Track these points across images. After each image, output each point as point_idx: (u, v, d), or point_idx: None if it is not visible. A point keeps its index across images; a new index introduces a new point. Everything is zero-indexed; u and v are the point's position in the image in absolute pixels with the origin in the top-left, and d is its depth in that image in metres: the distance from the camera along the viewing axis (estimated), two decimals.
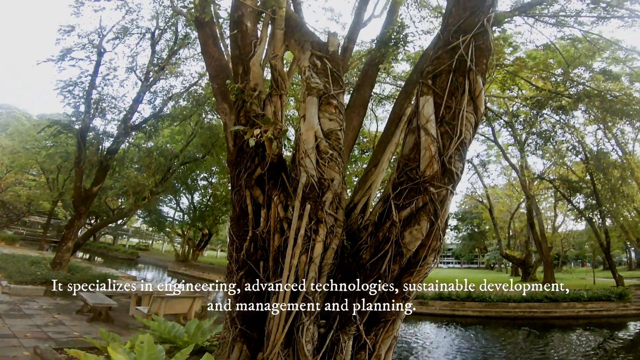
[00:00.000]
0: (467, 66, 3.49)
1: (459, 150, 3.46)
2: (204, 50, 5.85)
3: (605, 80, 13.03)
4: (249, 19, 4.94)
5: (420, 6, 12.47)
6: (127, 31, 13.72)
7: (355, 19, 6.47)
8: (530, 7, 8.69)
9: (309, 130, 3.91)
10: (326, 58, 4.13)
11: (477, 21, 3.70)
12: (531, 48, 12.65)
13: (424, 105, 3.56)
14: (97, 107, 13.55)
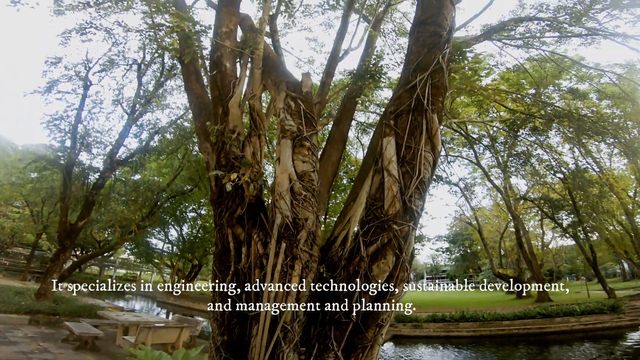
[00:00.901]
0: (425, 103, 3.73)
1: (418, 189, 3.70)
2: (186, 87, 6.06)
3: (574, 98, 13.65)
4: (228, 59, 5.19)
5: (398, 34, 13.08)
6: (114, 63, 13.97)
7: (332, 54, 6.75)
8: (494, 32, 9.26)
9: (283, 173, 4.12)
10: (300, 99, 4.35)
11: (433, 58, 4.00)
12: (503, 70, 13.29)
13: (386, 147, 3.81)
14: (83, 142, 13.63)
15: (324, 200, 6.03)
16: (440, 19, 4.83)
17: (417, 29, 4.79)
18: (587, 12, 9.35)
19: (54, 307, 11.34)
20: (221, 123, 4.74)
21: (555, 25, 9.99)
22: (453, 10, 5.39)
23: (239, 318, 4.29)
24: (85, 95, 13.25)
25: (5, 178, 23.57)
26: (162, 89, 14.58)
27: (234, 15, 6.13)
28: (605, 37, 10.09)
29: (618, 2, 8.97)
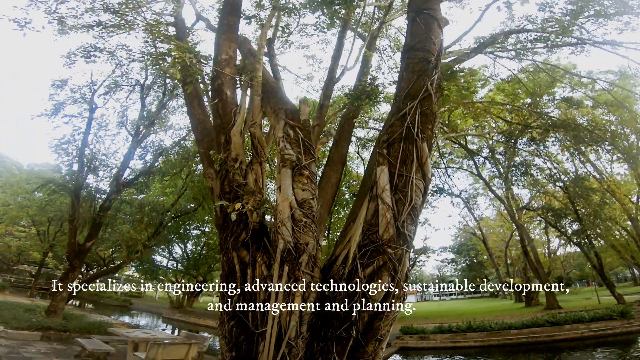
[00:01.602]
0: (416, 132, 3.96)
1: (410, 215, 3.93)
2: (189, 111, 6.31)
3: (569, 107, 13.80)
4: (229, 87, 5.43)
5: (394, 48, 13.34)
6: (118, 85, 14.35)
7: (329, 75, 6.97)
8: (485, 46, 9.49)
9: (284, 201, 4.35)
10: (298, 127, 4.56)
11: (422, 85, 4.24)
12: (498, 81, 13.51)
13: (380, 176, 4.05)
14: (90, 166, 14.00)
15: (324, 221, 6.21)
16: (428, 44, 5.08)
17: (407, 54, 5.04)
18: (573, 24, 9.57)
19: (65, 324, 11.59)
20: (224, 152, 4.97)
21: (544, 36, 10.25)
22: (441, 34, 5.67)
23: (246, 335, 4.52)
24: (91, 118, 13.66)
25: (11, 198, 23.93)
26: (164, 110, 14.97)
27: (233, 42, 6.41)
28: (594, 45, 10.32)
29: (602, 12, 9.21)
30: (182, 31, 10.91)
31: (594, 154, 16.04)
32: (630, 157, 14.59)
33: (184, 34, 10.80)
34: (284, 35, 8.75)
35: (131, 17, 11.20)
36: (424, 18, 5.63)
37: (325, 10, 7.70)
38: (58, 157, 13.73)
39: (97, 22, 10.98)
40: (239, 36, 7.01)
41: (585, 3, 9.15)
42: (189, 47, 5.59)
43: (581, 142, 12.95)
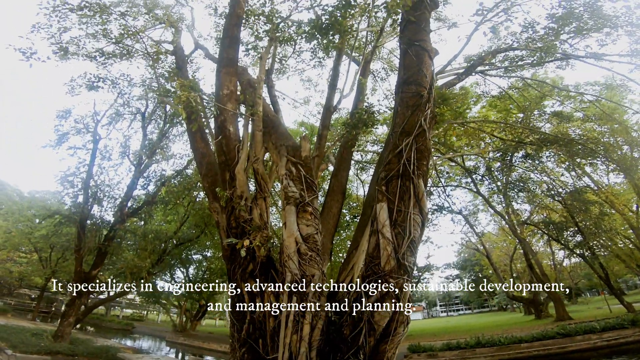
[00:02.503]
0: (412, 169, 4.17)
1: (410, 247, 4.14)
2: (192, 145, 6.51)
3: (560, 121, 14.09)
4: (231, 123, 5.65)
5: (388, 70, 13.68)
6: (120, 115, 14.69)
7: (326, 105, 7.19)
8: (474, 68, 9.77)
9: (290, 237, 4.57)
10: (300, 164, 4.77)
11: (416, 121, 4.46)
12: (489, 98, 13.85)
13: (379, 212, 4.28)
14: (95, 197, 14.31)
15: (327, 250, 6.37)
16: (420, 77, 5.34)
17: (402, 88, 5.29)
18: (555, 41, 9.92)
19: (72, 349, 11.80)
20: (229, 188, 5.16)
21: (530, 53, 10.62)
22: (432, 65, 5.95)
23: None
24: (95, 150, 14.04)
25: (13, 226, 24.07)
26: (165, 139, 15.28)
27: (233, 75, 6.68)
28: (578, 60, 10.68)
29: (582, 27, 9.59)
30: (181, 60, 11.27)
31: (590, 166, 16.22)
32: (625, 168, 14.76)
33: (184, 63, 11.14)
34: (281, 66, 9.04)
35: (131, 44, 11.59)
36: (415, 50, 5.91)
37: (320, 39, 8.01)
38: (63, 189, 14.12)
39: (100, 51, 11.33)
40: (237, 67, 7.29)
41: (565, 21, 9.52)
42: (193, 83, 5.83)
43: (576, 156, 13.18)
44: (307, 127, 18.99)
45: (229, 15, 9.01)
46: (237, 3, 9.21)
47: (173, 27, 12.24)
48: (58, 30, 9.69)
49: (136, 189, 14.91)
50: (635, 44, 10.04)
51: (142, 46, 11.28)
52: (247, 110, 5.68)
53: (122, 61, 12.08)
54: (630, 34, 9.85)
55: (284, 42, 8.37)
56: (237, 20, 8.53)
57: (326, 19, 7.81)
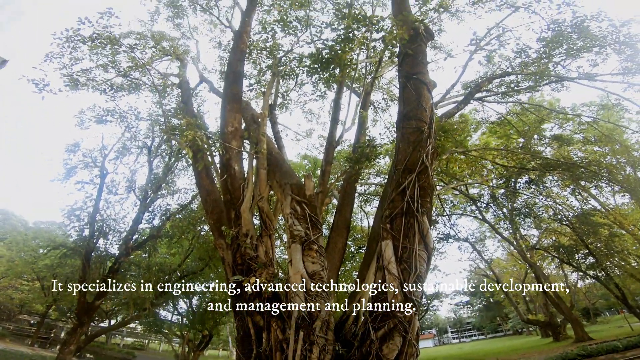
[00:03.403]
0: (415, 207, 4.23)
1: (416, 282, 4.17)
2: (198, 182, 6.60)
3: (560, 145, 14.19)
4: (236, 161, 5.77)
5: (388, 100, 13.96)
6: (127, 149, 14.97)
7: (328, 140, 7.33)
8: (472, 96, 9.99)
9: (296, 274, 4.63)
10: (305, 203, 4.84)
11: (418, 158, 4.55)
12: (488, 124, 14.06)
13: (385, 249, 4.34)
14: (101, 231, 14.41)
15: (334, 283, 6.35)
16: (420, 111, 5.47)
17: (402, 123, 5.42)
18: (548, 64, 10.17)
19: None
20: (235, 227, 5.22)
21: (524, 77, 10.88)
22: (431, 98, 6.12)
23: None
24: (102, 184, 14.29)
25: (17, 255, 24.22)
26: (171, 173, 15.51)
27: (238, 112, 6.86)
28: (572, 81, 10.91)
29: (572, 48, 9.85)
30: (186, 94, 11.60)
31: (595, 188, 16.18)
32: (630, 189, 14.70)
33: (189, 97, 11.46)
34: (284, 100, 9.28)
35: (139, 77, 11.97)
36: (413, 83, 6.10)
37: (321, 73, 8.25)
38: (70, 222, 14.24)
39: (109, 83, 11.69)
40: (242, 102, 7.50)
41: (555, 44, 9.78)
42: (200, 122, 6.00)
43: (579, 179, 13.19)
44: (309, 160, 19.11)
45: (233, 50, 9.36)
46: (240, 38, 9.59)
47: (179, 60, 12.70)
48: (70, 60, 9.97)
49: (141, 222, 15.02)
50: (625, 61, 10.21)
51: (149, 79, 11.65)
52: (251, 148, 5.82)
53: (130, 94, 12.45)
54: (619, 51, 10.04)
55: (286, 77, 8.62)
56: (241, 56, 8.85)
57: (326, 53, 8.10)
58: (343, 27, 7.90)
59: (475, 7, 11.05)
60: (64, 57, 9.77)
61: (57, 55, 9.62)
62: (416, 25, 7.61)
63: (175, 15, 12.44)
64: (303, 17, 9.37)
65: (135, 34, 12.73)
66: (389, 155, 11.21)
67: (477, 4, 10.82)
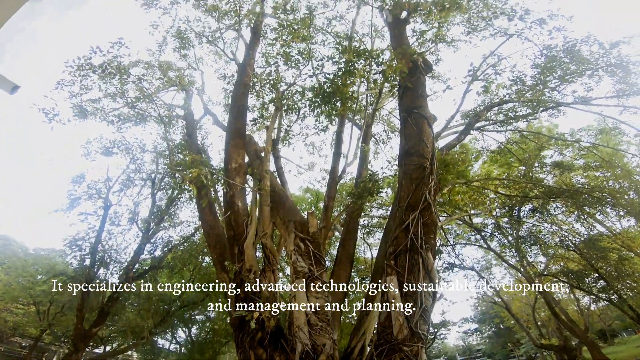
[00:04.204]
0: (419, 244, 4.24)
1: (422, 316, 4.13)
2: (201, 218, 6.62)
3: (561, 172, 14.20)
4: (240, 198, 5.82)
5: (388, 132, 14.12)
6: (131, 181, 15.11)
7: (330, 176, 7.41)
8: (472, 126, 10.13)
9: (300, 309, 4.57)
10: (308, 240, 4.85)
11: (421, 195, 4.58)
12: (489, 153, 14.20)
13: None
14: (102, 262, 14.40)
15: (337, 318, 6.25)
16: (421, 147, 5.54)
17: (404, 160, 5.48)
18: (543, 90, 10.36)
19: None
20: (238, 262, 5.22)
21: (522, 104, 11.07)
22: (432, 133, 6.20)
23: None
24: (106, 216, 14.37)
25: (15, 280, 24.11)
26: (174, 206, 15.58)
27: (241, 148, 6.96)
28: (568, 106, 11.05)
29: (566, 75, 10.04)
30: (191, 126, 11.81)
31: (600, 213, 16.04)
32: (635, 213, 14.56)
33: (193, 130, 11.66)
34: (287, 135, 9.45)
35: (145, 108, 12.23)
36: (414, 118, 6.21)
37: (323, 107, 8.44)
38: (71, 252, 14.20)
39: (116, 112, 11.94)
40: (245, 136, 7.63)
41: (549, 70, 9.99)
42: (204, 159, 6.10)
43: (583, 205, 13.12)
44: (312, 193, 19.14)
45: (237, 83, 9.61)
46: (244, 71, 9.88)
47: (184, 91, 13.03)
48: (80, 89, 10.16)
49: (143, 253, 14.98)
50: (617, 83, 10.32)
51: (156, 110, 11.93)
52: (254, 184, 5.90)
53: (136, 126, 12.69)
54: (611, 74, 10.17)
55: (289, 110, 8.82)
56: (245, 89, 9.08)
57: (328, 86, 8.33)
58: (344, 61, 8.18)
59: (470, 36, 11.37)
60: (75, 85, 9.98)
61: (68, 83, 9.83)
62: (415, 57, 7.86)
63: (182, 46, 12.86)
64: (305, 49, 9.71)
65: (143, 63, 13.10)
66: (390, 187, 11.28)
67: (472, 33, 11.14)
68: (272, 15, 11.60)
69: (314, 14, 9.16)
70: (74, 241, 14.18)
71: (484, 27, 10.90)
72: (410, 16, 10.00)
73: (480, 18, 10.62)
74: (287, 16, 9.73)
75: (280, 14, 10.39)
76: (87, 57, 9.29)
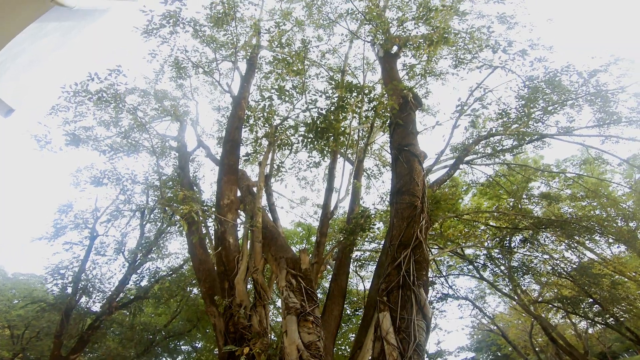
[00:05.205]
0: (412, 281, 4.27)
1: (416, 351, 4.08)
2: (191, 252, 6.56)
3: (549, 203, 14.50)
4: (231, 234, 5.81)
5: (382, 165, 14.36)
6: (120, 212, 14.84)
7: (323, 212, 7.43)
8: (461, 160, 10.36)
9: (291, 345, 4.47)
10: (300, 277, 4.83)
11: (412, 233, 4.64)
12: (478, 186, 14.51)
13: (383, 320, 4.32)
14: (85, 291, 13.92)
15: (329, 352, 6.12)
16: (412, 186, 5.66)
17: (396, 198, 5.58)
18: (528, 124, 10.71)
19: None
20: (228, 296, 5.15)
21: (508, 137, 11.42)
22: (422, 170, 6.35)
23: None
24: (91, 246, 13.97)
25: None
26: (163, 238, 15.29)
27: (234, 184, 7.00)
28: (552, 138, 11.39)
29: (548, 106, 10.41)
30: (184, 159, 11.84)
31: (590, 242, 16.25)
32: (624, 241, 14.80)
33: (186, 162, 11.68)
34: (279, 172, 9.54)
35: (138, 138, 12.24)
36: (405, 156, 6.37)
37: (316, 143, 8.59)
38: (53, 279, 13.69)
39: (109, 145, 11.90)
40: (238, 171, 7.69)
41: (532, 101, 10.33)
42: (196, 196, 6.13)
43: (573, 235, 13.31)
44: (304, 227, 19.04)
45: (231, 116, 9.76)
46: (238, 105, 10.08)
47: (179, 121, 13.13)
48: (74, 115, 10.12)
49: (128, 284, 14.53)
50: (597, 112, 10.55)
51: (149, 141, 11.92)
52: (246, 220, 5.91)
53: (129, 156, 12.65)
54: (591, 102, 10.42)
55: (282, 147, 8.95)
56: (239, 123, 9.22)
57: (321, 122, 8.53)
58: (337, 96, 8.44)
59: (458, 69, 11.82)
60: (69, 111, 9.94)
61: (63, 109, 9.79)
62: (405, 93, 8.16)
63: (179, 75, 13.10)
64: (299, 83, 9.99)
65: (139, 90, 13.20)
66: (382, 221, 11.34)
67: (459, 66, 11.58)
68: (268, 48, 11.99)
69: (308, 47, 9.52)
70: (57, 269, 13.79)
71: (470, 60, 11.24)
72: (400, 50, 10.45)
73: (466, 51, 11.03)
74: (282, 49, 10.10)
75: (276, 47, 10.76)
76: (84, 83, 9.28)
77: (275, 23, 9.90)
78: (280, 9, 14.29)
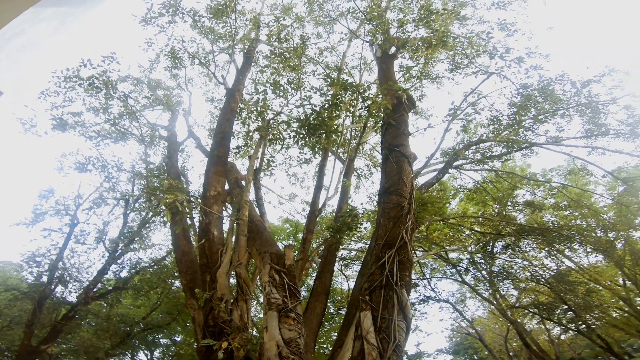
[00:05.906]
0: (394, 281, 4.27)
1: (395, 351, 4.09)
2: (174, 242, 6.44)
3: (533, 211, 14.77)
4: (216, 226, 5.72)
5: (372, 165, 14.39)
6: (103, 200, 14.43)
7: (311, 209, 7.41)
8: (451, 165, 10.46)
9: (271, 341, 4.41)
10: (283, 272, 4.78)
11: (398, 233, 4.65)
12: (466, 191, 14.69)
13: (364, 319, 4.30)
14: (60, 280, 13.56)
15: (310, 349, 6.09)
16: (400, 186, 5.66)
17: (383, 198, 5.58)
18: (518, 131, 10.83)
19: None
20: (209, 290, 5.05)
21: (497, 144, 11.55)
22: (411, 172, 6.35)
23: None
24: (71, 233, 13.60)
25: None
26: (146, 228, 14.93)
27: (222, 176, 6.89)
28: (540, 147, 11.56)
29: (540, 114, 10.55)
30: (173, 148, 11.62)
31: (569, 250, 16.60)
32: (602, 250, 15.20)
33: (175, 152, 11.48)
34: (269, 167, 9.45)
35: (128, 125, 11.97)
36: (395, 156, 6.36)
37: (308, 139, 8.54)
38: (28, 267, 13.33)
39: (96, 131, 11.62)
40: (227, 164, 7.58)
41: (524, 109, 10.41)
42: (182, 186, 6.01)
43: (553, 243, 13.59)
44: (291, 224, 18.98)
45: (224, 108, 9.61)
46: (232, 97, 9.94)
47: (170, 111, 12.88)
48: (63, 100, 9.87)
49: (107, 274, 14.21)
50: (587, 123, 10.65)
51: (138, 129, 11.67)
52: (233, 213, 5.83)
53: (116, 143, 12.37)
54: (581, 113, 10.51)
55: (274, 140, 8.88)
56: (231, 115, 9.09)
57: (314, 119, 8.48)
58: (331, 94, 8.39)
59: (454, 73, 11.83)
60: (59, 97, 9.71)
61: (52, 94, 9.58)
62: (399, 94, 8.16)
63: (174, 65, 12.86)
64: (294, 79, 9.90)
65: (132, 79, 12.94)
66: (370, 221, 11.36)
67: (455, 71, 11.59)
68: (266, 42, 11.88)
69: (306, 44, 9.45)
70: (33, 257, 13.40)
71: (466, 65, 11.17)
72: (398, 52, 10.42)
73: (464, 56, 11.03)
74: (281, 44, 9.99)
75: (274, 41, 10.67)
76: (76, 69, 9.14)
77: (275, 17, 9.78)
78: (281, 4, 14.15)
